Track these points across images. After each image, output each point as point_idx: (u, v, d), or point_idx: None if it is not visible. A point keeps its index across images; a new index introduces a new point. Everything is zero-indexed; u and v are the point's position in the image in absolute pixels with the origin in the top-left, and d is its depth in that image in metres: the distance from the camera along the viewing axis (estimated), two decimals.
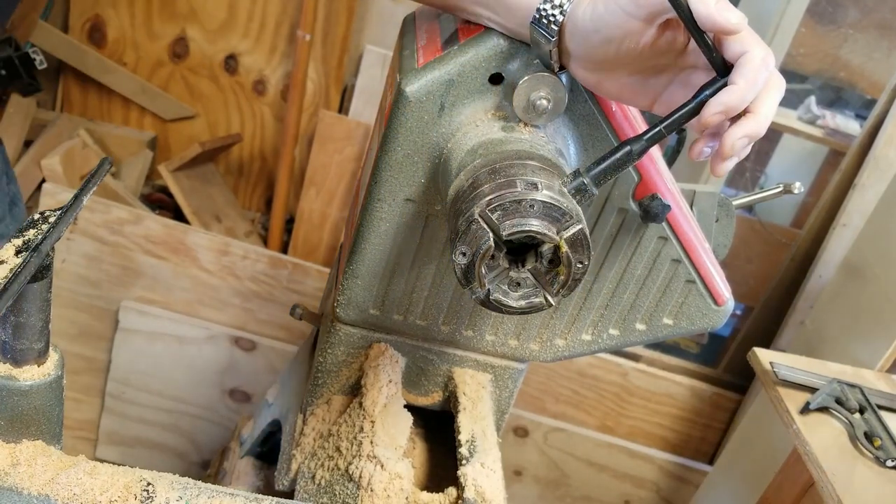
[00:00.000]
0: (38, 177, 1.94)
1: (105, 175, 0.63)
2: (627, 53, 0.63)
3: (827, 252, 1.92)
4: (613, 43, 0.62)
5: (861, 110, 2.64)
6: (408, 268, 0.83)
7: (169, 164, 2.10)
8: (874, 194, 1.81)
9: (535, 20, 0.65)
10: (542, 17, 0.65)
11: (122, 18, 2.13)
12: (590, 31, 0.63)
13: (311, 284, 1.90)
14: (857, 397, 1.24)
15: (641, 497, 2.08)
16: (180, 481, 0.61)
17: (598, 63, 0.65)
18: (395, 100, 0.72)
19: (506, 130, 0.69)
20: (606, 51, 0.63)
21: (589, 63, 0.65)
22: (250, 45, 2.16)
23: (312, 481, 0.88)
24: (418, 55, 0.74)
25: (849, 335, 1.62)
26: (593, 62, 0.65)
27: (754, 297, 2.24)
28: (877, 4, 2.59)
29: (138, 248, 1.83)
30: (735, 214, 0.93)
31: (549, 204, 0.59)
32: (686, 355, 2.45)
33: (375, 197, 0.77)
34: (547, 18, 0.64)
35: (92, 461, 0.60)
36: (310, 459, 0.91)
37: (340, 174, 2.11)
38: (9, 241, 0.56)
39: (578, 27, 0.64)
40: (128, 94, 2.21)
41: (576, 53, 0.65)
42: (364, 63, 2.13)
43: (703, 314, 0.87)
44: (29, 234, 0.57)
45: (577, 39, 0.64)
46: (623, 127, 0.74)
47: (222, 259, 1.86)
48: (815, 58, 2.68)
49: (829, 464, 1.09)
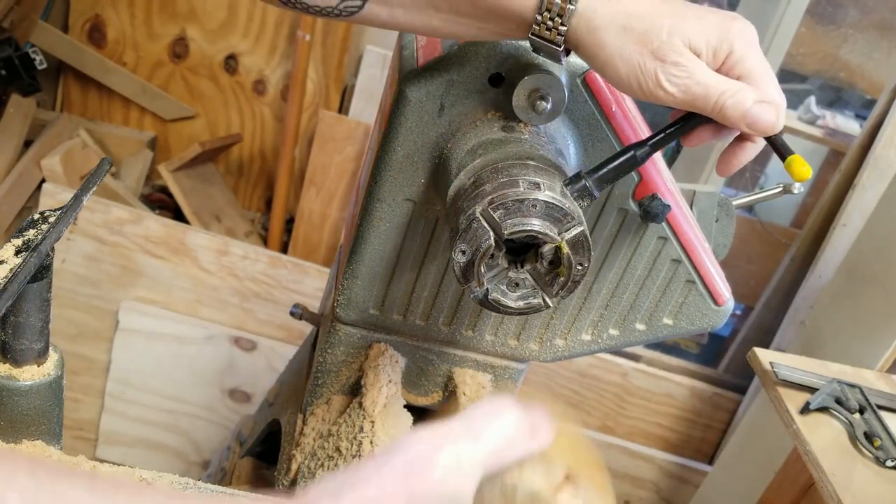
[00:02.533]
0: (38, 177, 1.94)
1: (105, 175, 0.63)
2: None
3: (827, 252, 1.92)
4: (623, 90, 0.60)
5: (861, 110, 2.64)
6: (408, 268, 0.83)
7: (169, 164, 2.10)
8: (874, 194, 1.81)
9: (533, 38, 0.60)
10: (540, 34, 0.59)
11: (122, 18, 2.13)
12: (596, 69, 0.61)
13: (311, 284, 1.89)
14: (857, 397, 1.24)
15: (641, 497, 2.08)
16: (180, 481, 0.61)
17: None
18: (395, 100, 0.72)
19: (506, 130, 0.69)
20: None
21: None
22: (250, 45, 2.16)
23: (312, 481, 0.88)
24: (418, 55, 0.74)
25: (849, 335, 1.61)
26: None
27: (754, 297, 2.24)
28: (877, 4, 2.59)
29: (138, 248, 1.83)
30: (735, 214, 0.93)
31: (552, 204, 0.59)
32: (686, 355, 2.45)
33: (375, 197, 0.77)
34: (548, 33, 0.59)
35: (92, 461, 0.60)
36: (310, 459, 0.91)
37: (340, 174, 2.11)
38: (9, 241, 0.56)
39: (587, 55, 0.60)
40: (128, 94, 2.21)
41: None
42: (364, 63, 2.13)
43: (703, 314, 0.86)
44: (29, 234, 0.57)
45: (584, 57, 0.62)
46: (623, 127, 0.74)
47: (222, 259, 1.86)
48: (815, 58, 2.67)
49: (829, 464, 1.09)
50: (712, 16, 0.59)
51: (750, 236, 2.35)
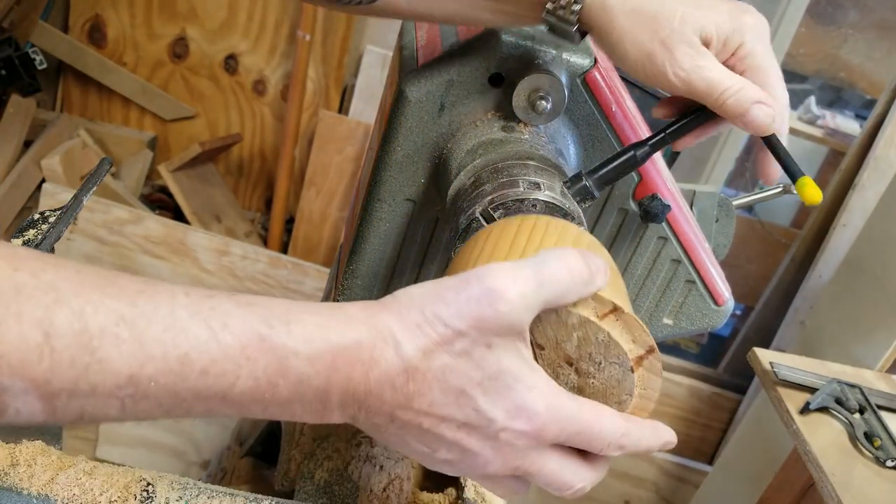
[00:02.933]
0: (38, 177, 1.94)
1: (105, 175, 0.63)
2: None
3: (827, 252, 1.92)
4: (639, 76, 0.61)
5: (861, 110, 2.64)
6: (408, 268, 0.83)
7: (169, 164, 2.10)
8: (874, 194, 1.81)
9: (547, 17, 0.61)
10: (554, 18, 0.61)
11: (122, 18, 2.13)
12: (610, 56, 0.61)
13: (311, 284, 1.89)
14: (857, 397, 1.24)
15: (641, 497, 2.08)
16: (180, 481, 0.61)
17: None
18: (395, 100, 0.72)
19: (506, 130, 0.69)
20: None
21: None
22: (250, 45, 2.16)
23: (311, 482, 0.88)
24: (418, 55, 0.74)
25: (849, 335, 1.61)
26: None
27: (754, 297, 2.24)
28: (877, 4, 2.59)
29: (138, 249, 1.83)
30: (735, 214, 0.93)
31: (552, 204, 0.59)
32: (686, 355, 2.46)
33: (375, 197, 0.77)
34: (561, 19, 0.60)
35: (92, 461, 0.61)
36: (309, 460, 0.91)
37: (340, 174, 2.11)
38: (8, 242, 0.56)
39: (599, 35, 0.61)
40: (128, 94, 2.21)
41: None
42: (364, 63, 2.13)
43: (702, 314, 0.86)
44: (29, 234, 0.57)
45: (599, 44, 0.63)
46: (623, 127, 0.74)
47: (222, 259, 1.86)
48: (815, 58, 2.68)
49: (829, 464, 1.09)
50: (725, 6, 0.59)
51: (750, 236, 2.35)
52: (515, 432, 0.43)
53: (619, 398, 0.48)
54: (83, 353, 0.37)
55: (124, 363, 0.38)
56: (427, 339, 0.42)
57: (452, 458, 0.45)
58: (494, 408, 0.43)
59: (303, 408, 0.43)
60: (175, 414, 0.41)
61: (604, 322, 0.46)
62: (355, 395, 0.43)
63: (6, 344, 0.36)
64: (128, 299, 0.39)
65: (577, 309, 0.46)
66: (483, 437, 0.44)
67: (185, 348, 0.39)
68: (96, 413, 0.40)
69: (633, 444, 0.47)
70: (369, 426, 0.45)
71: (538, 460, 0.45)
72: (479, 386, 0.43)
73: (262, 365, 0.41)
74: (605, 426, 0.45)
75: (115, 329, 0.38)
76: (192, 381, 0.40)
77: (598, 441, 0.45)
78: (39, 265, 0.38)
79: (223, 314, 0.41)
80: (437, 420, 0.43)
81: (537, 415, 0.43)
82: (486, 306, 0.42)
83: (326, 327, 0.43)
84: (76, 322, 0.37)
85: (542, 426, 0.44)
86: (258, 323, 0.41)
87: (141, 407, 0.40)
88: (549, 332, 0.47)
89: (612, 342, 0.46)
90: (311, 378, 0.42)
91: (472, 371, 0.43)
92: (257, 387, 0.41)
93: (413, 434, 0.44)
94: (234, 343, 0.40)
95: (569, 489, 0.47)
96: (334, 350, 0.42)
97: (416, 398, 0.43)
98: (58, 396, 0.38)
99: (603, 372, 0.48)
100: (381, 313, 0.44)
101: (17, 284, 0.37)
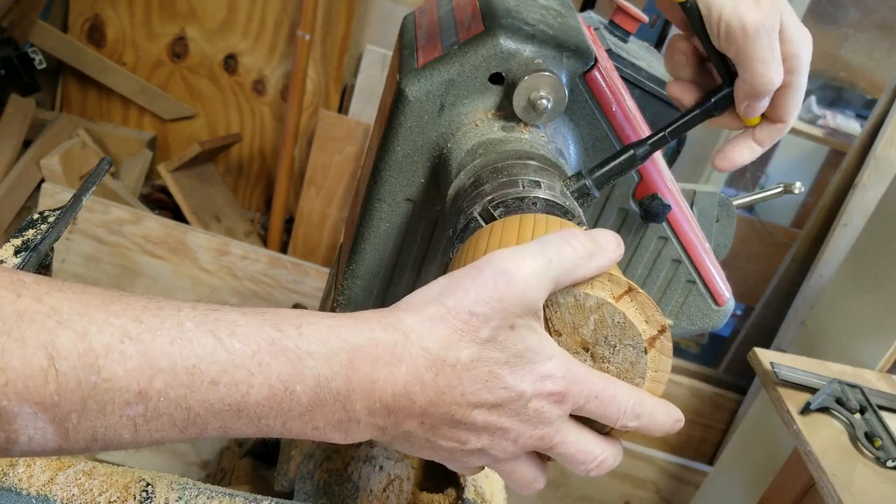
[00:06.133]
0: (37, 177, 1.94)
1: (104, 175, 0.63)
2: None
3: (827, 252, 1.92)
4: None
5: (861, 110, 2.64)
6: (408, 268, 0.83)
7: (168, 164, 2.10)
8: (875, 194, 1.81)
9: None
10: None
11: (121, 18, 2.13)
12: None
13: (311, 284, 1.89)
14: (858, 397, 1.24)
15: (641, 497, 2.08)
16: (179, 482, 0.61)
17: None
18: (395, 100, 0.72)
19: (506, 130, 0.69)
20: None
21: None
22: (250, 45, 2.16)
23: (311, 482, 0.88)
24: (418, 55, 0.74)
25: (849, 335, 1.61)
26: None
27: (754, 297, 2.24)
28: (877, 4, 2.59)
29: (138, 249, 1.83)
30: (735, 214, 0.93)
31: (552, 203, 0.58)
32: (686, 355, 2.46)
33: (375, 197, 0.77)
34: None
35: (91, 461, 0.60)
36: (308, 460, 0.91)
37: (340, 174, 2.11)
38: (8, 241, 0.56)
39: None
40: (127, 93, 2.21)
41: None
42: (364, 63, 2.13)
43: (703, 314, 0.86)
44: (28, 234, 0.57)
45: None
46: (623, 127, 0.74)
47: (221, 259, 1.86)
48: (815, 58, 2.65)
49: (830, 464, 1.09)
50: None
51: (750, 236, 2.35)
52: (542, 398, 0.44)
53: (633, 382, 0.50)
54: (89, 373, 0.37)
55: (132, 379, 0.38)
56: (451, 329, 0.43)
57: (483, 445, 0.45)
58: (522, 382, 0.44)
59: (325, 417, 0.42)
60: (190, 433, 0.40)
61: (620, 303, 0.47)
62: (382, 400, 0.42)
63: (11, 370, 0.36)
64: (132, 315, 0.39)
65: (595, 291, 0.47)
66: (513, 412, 0.44)
67: (193, 360, 0.39)
68: (109, 435, 0.39)
69: (647, 413, 0.47)
70: (398, 435, 0.44)
71: (562, 429, 0.46)
72: (505, 365, 0.43)
73: (276, 370, 0.40)
74: (620, 391, 0.46)
75: (121, 346, 0.38)
76: (202, 394, 0.39)
77: (614, 408, 0.46)
78: (43, 289, 0.38)
79: (230, 323, 0.40)
80: (470, 408, 0.43)
81: (561, 378, 0.44)
82: (504, 286, 0.43)
83: (339, 327, 0.42)
84: (80, 342, 0.37)
85: (566, 388, 0.44)
86: (267, 328, 0.41)
87: (154, 426, 0.39)
88: (567, 317, 0.48)
89: (627, 323, 0.47)
90: (329, 379, 0.41)
91: (499, 353, 0.43)
92: (273, 395, 0.40)
93: (443, 432, 0.44)
94: (244, 350, 0.40)
95: (593, 461, 0.47)
96: (350, 349, 0.41)
97: (448, 391, 0.43)
98: (67, 418, 0.37)
99: (617, 355, 0.48)
100: (396, 313, 0.44)
101: (20, 310, 0.37)
